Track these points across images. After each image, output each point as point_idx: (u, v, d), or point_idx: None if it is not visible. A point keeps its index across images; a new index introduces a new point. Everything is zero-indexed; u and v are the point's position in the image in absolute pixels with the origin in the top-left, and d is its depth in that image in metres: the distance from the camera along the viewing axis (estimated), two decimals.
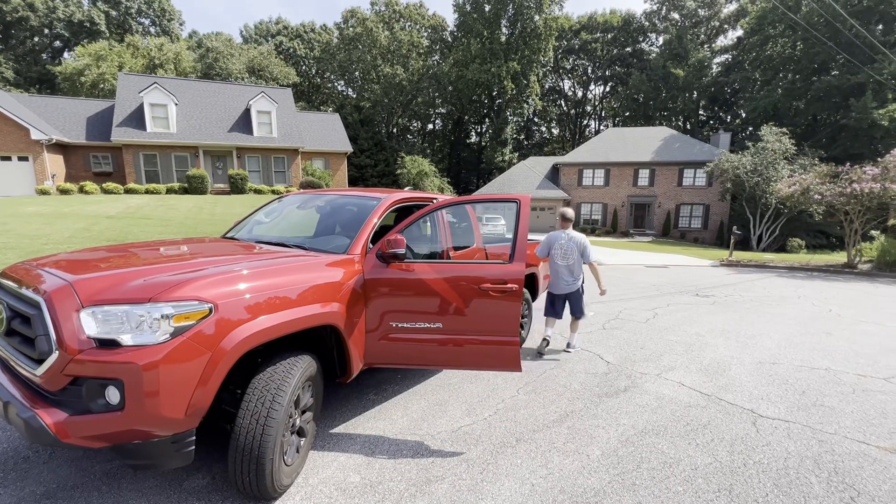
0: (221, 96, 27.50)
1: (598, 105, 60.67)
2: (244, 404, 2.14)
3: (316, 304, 2.45)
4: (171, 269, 2.20)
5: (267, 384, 2.20)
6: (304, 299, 2.41)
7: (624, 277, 12.04)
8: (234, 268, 2.28)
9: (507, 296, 2.83)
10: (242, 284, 2.17)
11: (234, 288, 2.12)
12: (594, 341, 5.71)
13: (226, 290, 2.08)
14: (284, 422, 2.20)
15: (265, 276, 2.31)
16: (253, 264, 2.42)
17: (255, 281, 2.23)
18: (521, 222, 2.89)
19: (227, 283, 2.12)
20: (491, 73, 43.30)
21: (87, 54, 33.28)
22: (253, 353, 2.36)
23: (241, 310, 2.09)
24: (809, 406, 3.89)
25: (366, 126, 45.50)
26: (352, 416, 3.35)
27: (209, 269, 2.20)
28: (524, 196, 3.00)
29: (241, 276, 2.22)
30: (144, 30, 45.07)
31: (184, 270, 2.16)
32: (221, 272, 2.18)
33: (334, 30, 52.19)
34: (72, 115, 25.03)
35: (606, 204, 33.55)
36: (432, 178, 37.73)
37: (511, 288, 2.82)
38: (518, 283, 2.82)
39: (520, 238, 2.87)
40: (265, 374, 2.23)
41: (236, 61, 40.19)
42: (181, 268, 2.22)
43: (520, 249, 2.86)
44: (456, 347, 2.88)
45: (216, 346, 1.97)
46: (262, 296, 2.20)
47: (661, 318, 7.14)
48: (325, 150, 30.46)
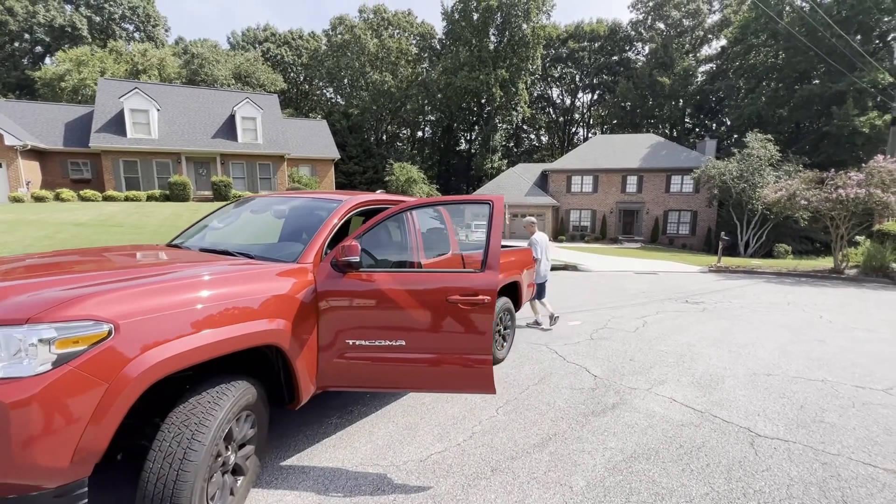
0: (205, 102, 27.02)
1: (587, 113, 61.18)
2: (156, 444, 1.79)
3: (254, 321, 2.11)
4: (69, 281, 1.86)
5: (186, 418, 1.85)
6: (239, 316, 2.07)
7: (612, 284, 11.82)
8: (150, 280, 1.94)
9: (479, 309, 2.52)
10: (157, 300, 1.82)
11: (144, 304, 1.77)
12: (581, 353, 5.41)
13: (133, 306, 1.74)
14: (208, 463, 1.85)
15: (188, 289, 1.97)
16: (176, 276, 2.07)
17: (174, 295, 1.89)
18: (494, 227, 2.59)
19: (135, 298, 1.77)
20: (479, 81, 43.37)
21: (67, 59, 32.58)
22: (183, 377, 2.02)
23: (153, 330, 1.75)
24: (809, 423, 3.62)
25: (354, 133, 45.20)
26: (308, 445, 2.99)
27: (116, 282, 1.85)
28: (497, 197, 2.71)
29: (157, 290, 1.87)
30: (128, 35, 44.41)
31: (84, 283, 1.82)
32: (131, 285, 1.83)
33: (322, 37, 52.02)
34: (49, 120, 24.36)
35: (595, 210, 33.55)
36: (421, 185, 37.45)
37: (483, 300, 2.51)
38: (490, 294, 2.51)
39: (492, 244, 2.56)
40: (185, 407, 1.89)
41: (222, 67, 39.71)
42: (83, 280, 1.88)
43: (492, 257, 2.55)
44: (421, 368, 2.56)
45: (115, 376, 1.62)
46: (181, 313, 1.86)
47: (650, 327, 6.88)
48: (311, 156, 30.09)
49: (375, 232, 2.77)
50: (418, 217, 3.48)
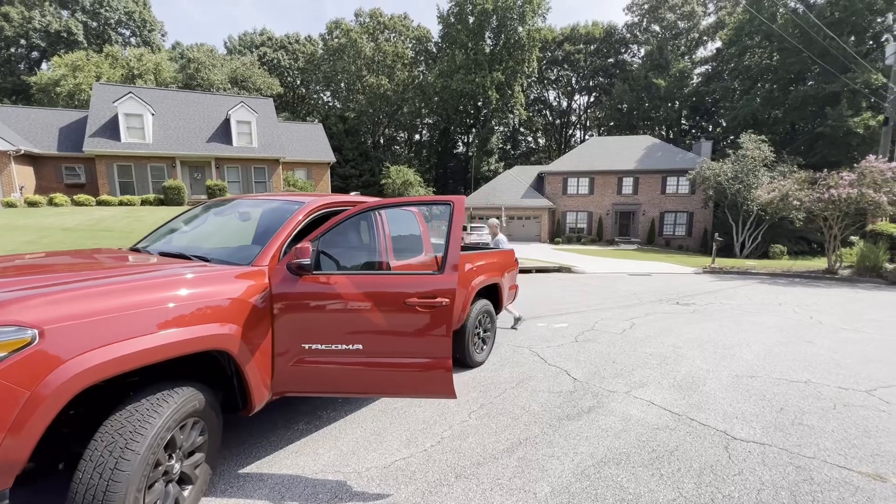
0: (200, 106, 27.00)
1: (583, 115, 61.32)
2: (87, 453, 1.73)
3: (199, 326, 2.06)
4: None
5: (121, 426, 1.79)
6: (185, 320, 2.01)
7: (604, 286, 11.77)
8: (84, 285, 1.88)
9: (437, 312, 2.46)
10: (89, 305, 1.77)
11: (74, 309, 1.72)
12: (564, 355, 5.35)
13: (61, 311, 1.68)
14: (144, 473, 1.79)
15: (125, 294, 1.91)
16: (113, 280, 2.01)
17: (108, 300, 1.83)
18: (454, 227, 2.54)
19: (65, 303, 1.72)
20: (475, 84, 43.45)
21: (63, 65, 32.60)
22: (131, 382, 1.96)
23: (82, 336, 1.69)
24: (787, 425, 3.56)
25: (351, 136, 45.24)
26: (271, 451, 2.93)
27: (46, 287, 1.79)
28: (458, 198, 2.66)
29: (90, 295, 1.81)
30: (125, 41, 44.47)
31: (11, 288, 1.76)
32: (62, 290, 1.77)
33: (319, 41, 52.14)
34: (44, 125, 24.33)
35: (591, 212, 33.54)
36: (417, 188, 37.46)
37: (441, 303, 2.45)
38: (449, 296, 2.45)
39: (451, 245, 2.51)
40: (121, 414, 1.83)
41: (218, 72, 39.76)
42: (11, 284, 1.82)
43: (451, 258, 2.50)
44: (379, 372, 2.50)
45: (38, 384, 1.56)
46: (115, 318, 1.80)
47: (637, 329, 6.82)
48: (307, 160, 30.05)
49: (337, 234, 2.72)
50: (387, 219, 3.43)
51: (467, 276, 4.43)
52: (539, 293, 10.40)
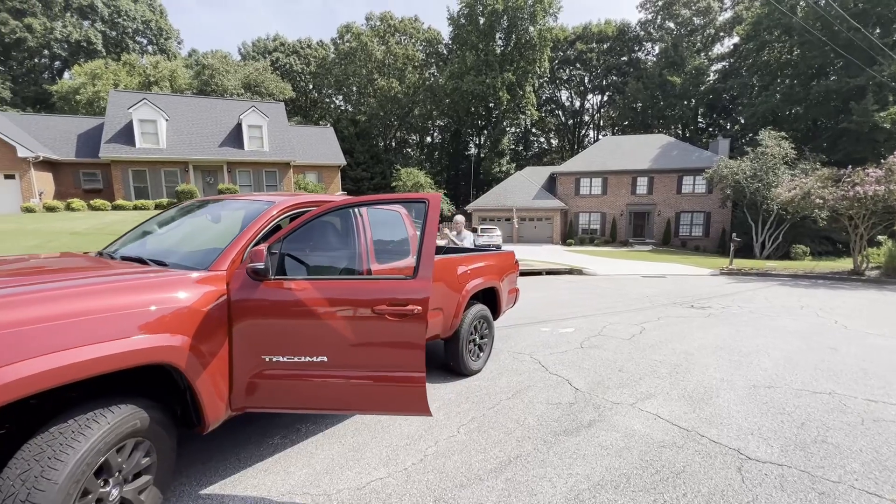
0: (212, 111, 27.35)
1: (596, 115, 60.51)
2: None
3: (140, 337, 1.87)
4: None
5: (40, 452, 1.60)
6: (121, 331, 1.82)
7: (615, 289, 11.39)
8: (27, 289, 1.71)
9: (409, 321, 2.24)
10: (6, 314, 1.59)
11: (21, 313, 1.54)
12: (566, 363, 5.06)
13: None
14: None
15: (52, 302, 1.73)
16: (42, 287, 1.83)
17: (31, 309, 1.65)
18: (429, 228, 2.31)
19: None
20: (486, 85, 43.18)
21: (82, 73, 33.43)
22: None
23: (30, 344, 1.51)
24: (809, 443, 3.23)
25: (362, 139, 45.39)
26: (239, 469, 2.73)
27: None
28: (433, 195, 2.43)
29: (7, 304, 1.63)
30: (142, 49, 45.50)
31: None
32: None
33: (330, 45, 52.55)
34: (62, 132, 24.91)
35: (605, 213, 32.93)
36: (428, 190, 37.34)
37: (413, 311, 2.23)
38: (422, 304, 2.22)
39: (426, 248, 2.28)
40: (42, 438, 1.64)
41: (232, 77, 40.33)
42: None
43: (425, 262, 2.27)
44: (346, 386, 2.29)
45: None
46: (37, 330, 1.61)
47: (648, 334, 6.48)
48: (318, 163, 30.19)
49: (305, 236, 2.52)
50: (369, 220, 3.21)
51: (460, 280, 4.19)
52: (547, 296, 10.09)
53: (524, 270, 14.61)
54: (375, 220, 3.38)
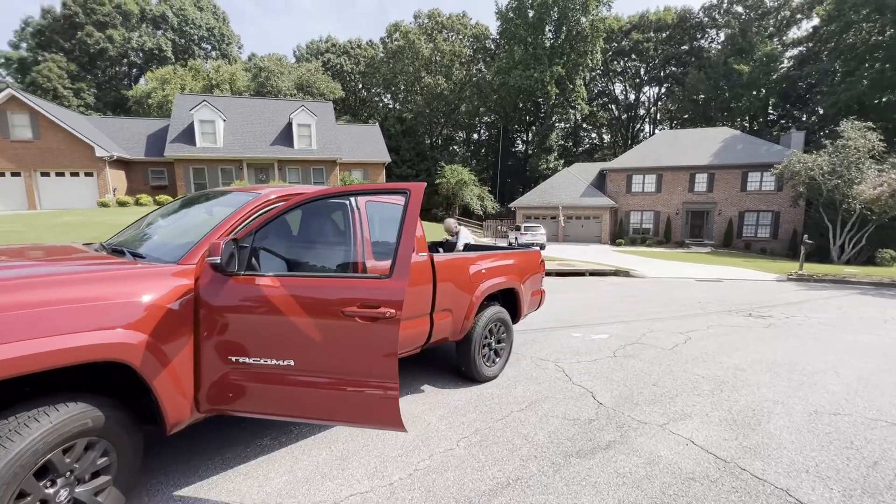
0: (265, 111, 28.61)
1: (653, 108, 57.29)
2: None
3: (89, 333, 1.76)
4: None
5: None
6: (69, 326, 1.72)
7: (664, 292, 10.56)
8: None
9: (381, 325, 2.00)
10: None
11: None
12: (595, 373, 4.62)
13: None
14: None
15: (22, 290, 1.67)
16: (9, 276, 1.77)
17: None
18: (408, 221, 2.06)
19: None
20: (534, 79, 42.06)
21: (154, 79, 36.20)
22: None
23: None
24: (883, 489, 2.66)
25: (408, 137, 45.80)
26: (219, 471, 2.63)
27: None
28: (416, 185, 2.17)
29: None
30: (206, 54, 48.63)
31: None
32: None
33: (379, 45, 53.47)
34: (134, 133, 27.06)
35: (658, 212, 31.04)
36: (472, 187, 37.04)
37: (385, 314, 1.99)
38: (395, 307, 1.98)
39: (403, 244, 2.04)
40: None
41: (286, 79, 42.07)
42: None
43: (402, 260, 2.02)
44: (314, 393, 2.10)
45: None
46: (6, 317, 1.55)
47: (693, 345, 5.85)
48: (363, 160, 30.77)
49: (286, 229, 2.35)
50: (367, 213, 3.01)
51: (473, 280, 3.91)
52: (586, 299, 9.51)
53: (565, 271, 13.98)
54: (376, 216, 3.18)
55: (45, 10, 43.23)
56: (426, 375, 4.40)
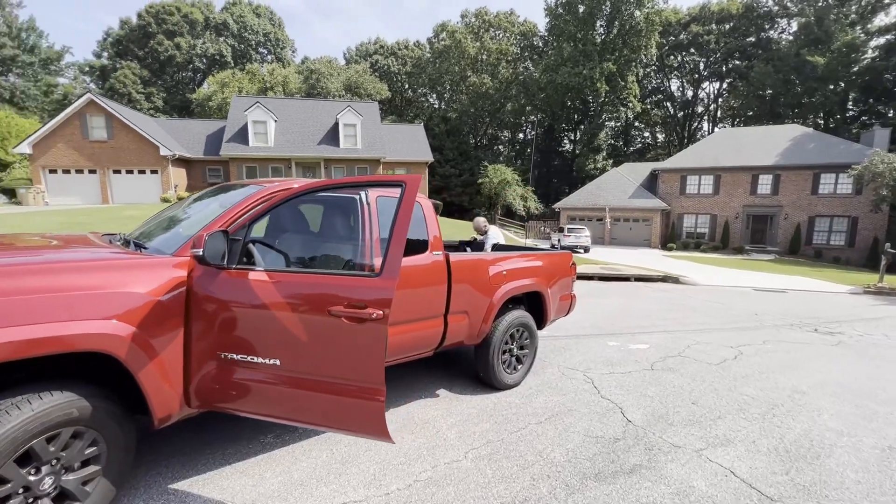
0: (314, 112, 29.59)
1: (713, 105, 53.80)
2: None
3: (73, 322, 1.74)
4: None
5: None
6: (53, 315, 1.71)
7: (716, 301, 9.77)
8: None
9: (367, 327, 1.86)
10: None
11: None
12: (627, 386, 4.27)
13: None
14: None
15: (10, 277, 1.69)
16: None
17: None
18: (401, 216, 1.91)
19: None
20: (583, 76, 40.70)
21: (214, 82, 38.50)
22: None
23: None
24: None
25: (452, 136, 45.81)
26: (217, 467, 2.60)
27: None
28: (412, 177, 2.01)
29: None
30: (262, 58, 51.16)
31: None
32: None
33: (426, 45, 53.89)
34: (195, 134, 28.86)
35: (716, 215, 29.05)
36: (515, 187, 36.43)
37: (371, 314, 1.85)
38: (383, 307, 1.83)
39: (395, 240, 1.88)
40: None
41: (334, 80, 43.37)
42: None
43: (393, 258, 1.87)
44: (298, 395, 1.99)
45: None
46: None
47: (744, 361, 5.30)
48: (406, 159, 31.09)
49: (282, 223, 2.27)
50: (377, 209, 2.89)
51: (493, 282, 3.69)
52: (627, 305, 8.97)
53: (608, 275, 13.33)
54: (388, 212, 3.05)
55: (123, 21, 47.25)
56: (443, 379, 4.24)
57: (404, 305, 3.00)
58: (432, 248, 3.26)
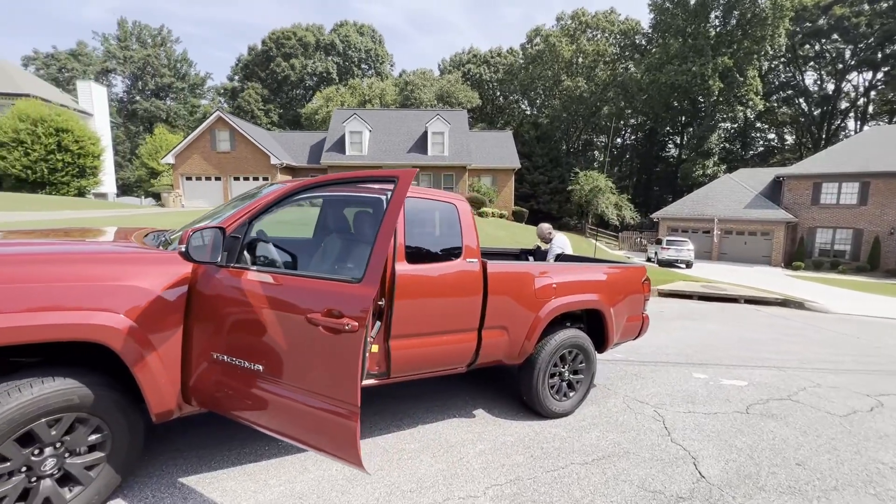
0: (405, 121, 30.85)
1: (862, 99, 45.24)
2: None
3: (71, 312, 1.80)
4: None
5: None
6: (53, 303, 1.78)
7: (850, 335, 7.98)
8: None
9: (342, 338, 1.65)
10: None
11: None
12: (710, 431, 3.53)
13: None
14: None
15: (13, 264, 1.81)
16: (7, 252, 1.93)
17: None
18: (388, 216, 1.67)
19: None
20: (692, 74, 36.92)
21: (321, 98, 42.20)
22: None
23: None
24: None
25: (542, 142, 44.58)
26: (230, 465, 2.58)
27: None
28: (405, 172, 1.76)
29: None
30: (363, 73, 54.95)
31: None
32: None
33: (519, 51, 53.36)
34: (300, 144, 31.82)
35: (860, 230, 24.23)
36: (608, 195, 34.20)
37: (345, 325, 1.62)
38: (358, 319, 1.60)
39: (379, 242, 1.65)
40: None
41: (428, 91, 44.86)
42: None
43: (375, 263, 1.64)
44: (278, 404, 1.85)
45: None
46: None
47: (882, 415, 4.14)
48: (492, 166, 30.93)
49: (332, 223, 2.17)
50: (405, 209, 2.70)
51: (539, 295, 3.28)
52: (729, 331, 7.72)
53: (710, 294, 11.72)
54: (418, 214, 2.86)
55: (251, 48, 54.27)
56: (485, 398, 3.89)
57: (428, 315, 2.77)
58: (466, 254, 2.97)
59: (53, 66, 48.41)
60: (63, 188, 23.16)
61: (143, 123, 50.79)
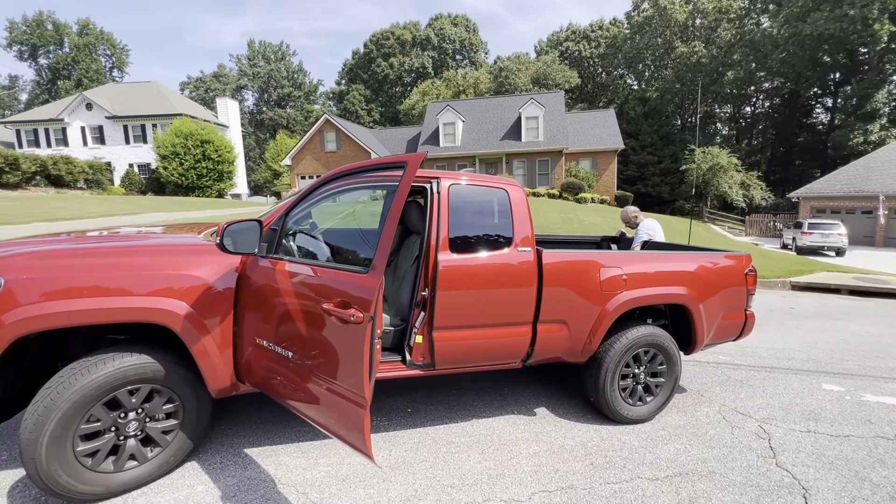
0: (497, 109, 30.39)
1: None
2: (39, 394, 1.99)
3: (138, 297, 2.06)
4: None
5: (60, 377, 1.99)
6: (121, 289, 2.05)
7: None
8: (61, 246, 2.17)
9: (349, 329, 1.62)
10: (53, 262, 2.02)
11: (40, 264, 2.00)
12: (833, 457, 2.87)
13: (27, 263, 1.99)
14: (69, 418, 1.94)
15: (92, 256, 2.11)
16: (90, 246, 2.25)
17: (72, 260, 2.05)
18: (395, 203, 1.58)
19: (31, 258, 2.02)
20: (848, 19, 30.20)
21: (417, 93, 43.55)
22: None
23: (36, 290, 1.94)
24: None
25: (650, 119, 40.53)
26: (290, 441, 2.76)
27: (24, 246, 2.15)
28: (413, 156, 1.64)
29: (61, 254, 2.08)
30: (458, 64, 55.32)
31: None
32: (36, 250, 2.09)
33: (624, 20, 48.90)
34: (398, 139, 33.30)
35: None
36: (732, 173, 29.94)
37: (350, 316, 1.58)
38: (363, 307, 1.55)
39: (386, 230, 1.57)
40: (69, 368, 2.03)
41: (522, 75, 43.55)
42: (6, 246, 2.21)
43: (381, 249, 1.57)
44: (300, 387, 1.92)
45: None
46: (69, 278, 1.99)
47: None
48: (591, 149, 29.05)
49: (325, 215, 2.23)
50: (449, 200, 2.62)
51: (605, 287, 2.94)
52: (879, 335, 6.24)
53: (863, 288, 9.62)
54: (465, 202, 2.75)
55: (354, 52, 58.13)
56: (550, 396, 3.64)
57: (474, 307, 2.65)
58: (518, 243, 2.77)
59: (201, 88, 57.52)
60: (207, 191, 27.45)
61: (269, 131, 57.82)
